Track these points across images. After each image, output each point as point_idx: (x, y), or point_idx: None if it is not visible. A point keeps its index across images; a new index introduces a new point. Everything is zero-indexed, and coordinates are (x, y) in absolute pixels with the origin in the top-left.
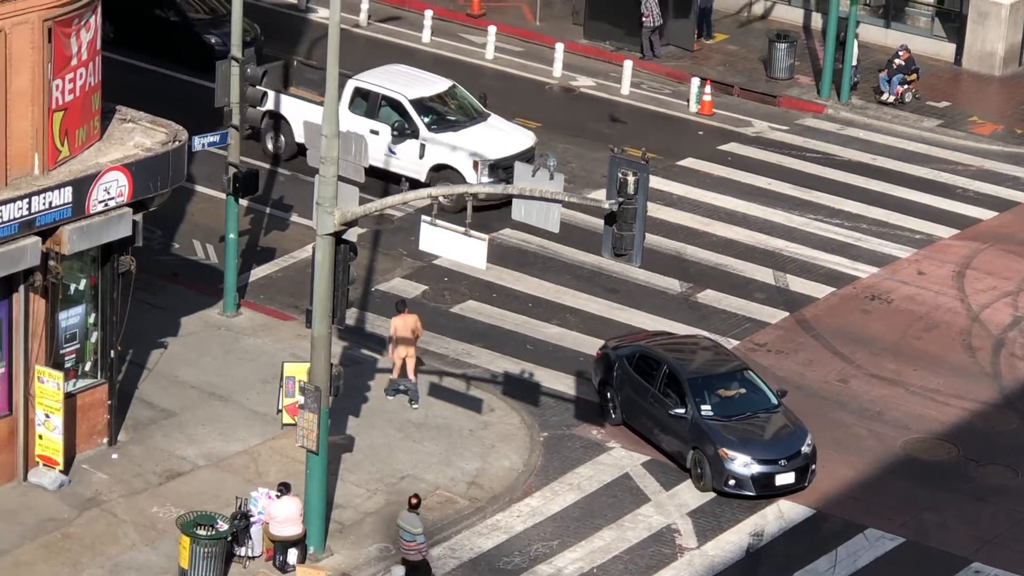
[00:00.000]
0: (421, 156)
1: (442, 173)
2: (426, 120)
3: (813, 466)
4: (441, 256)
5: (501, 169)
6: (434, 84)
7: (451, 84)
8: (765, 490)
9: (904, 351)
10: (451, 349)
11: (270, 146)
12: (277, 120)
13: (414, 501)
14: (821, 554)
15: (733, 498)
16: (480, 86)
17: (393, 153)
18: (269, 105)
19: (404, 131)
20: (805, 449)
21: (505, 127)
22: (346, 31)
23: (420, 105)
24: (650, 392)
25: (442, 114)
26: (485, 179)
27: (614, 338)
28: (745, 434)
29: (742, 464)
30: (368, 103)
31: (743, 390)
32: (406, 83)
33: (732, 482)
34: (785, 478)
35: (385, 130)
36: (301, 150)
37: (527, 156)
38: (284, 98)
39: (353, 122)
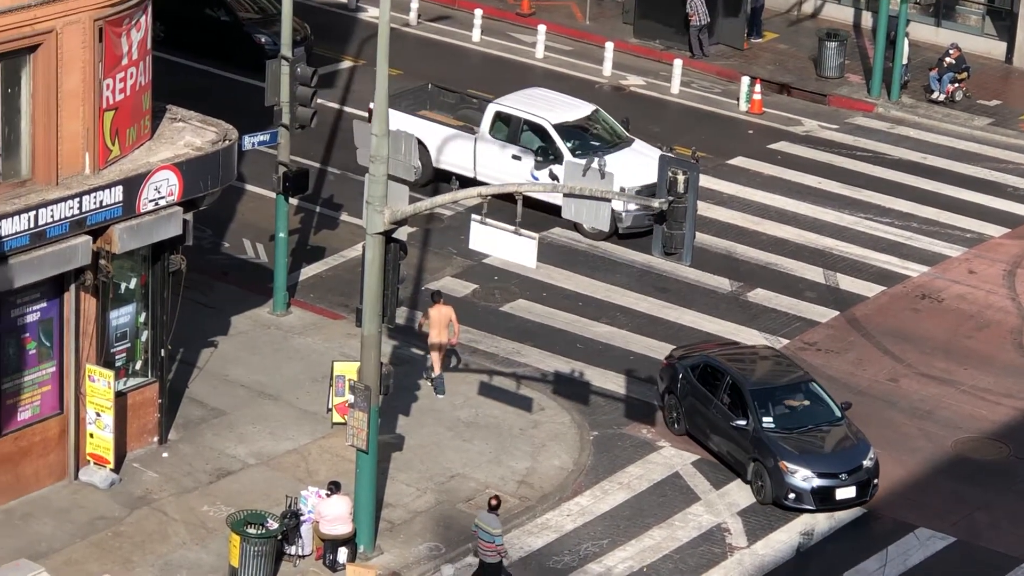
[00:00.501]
0: None
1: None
2: (570, 145)
3: (875, 480)
4: (491, 255)
5: (650, 197)
6: (577, 108)
7: (594, 108)
8: (825, 504)
9: (954, 350)
10: (501, 348)
11: None
12: None
13: (494, 502)
14: (871, 553)
15: (792, 511)
16: (531, 85)
17: (536, 179)
18: (405, 130)
19: (548, 156)
20: (867, 463)
21: (650, 152)
22: (396, 30)
23: (564, 130)
24: (713, 402)
25: (586, 139)
26: (632, 206)
27: (680, 347)
28: (806, 447)
29: (802, 478)
30: (509, 128)
31: (806, 402)
32: (548, 107)
33: (792, 495)
34: (846, 492)
35: (527, 155)
36: (438, 175)
37: None
38: (420, 122)
39: (493, 147)
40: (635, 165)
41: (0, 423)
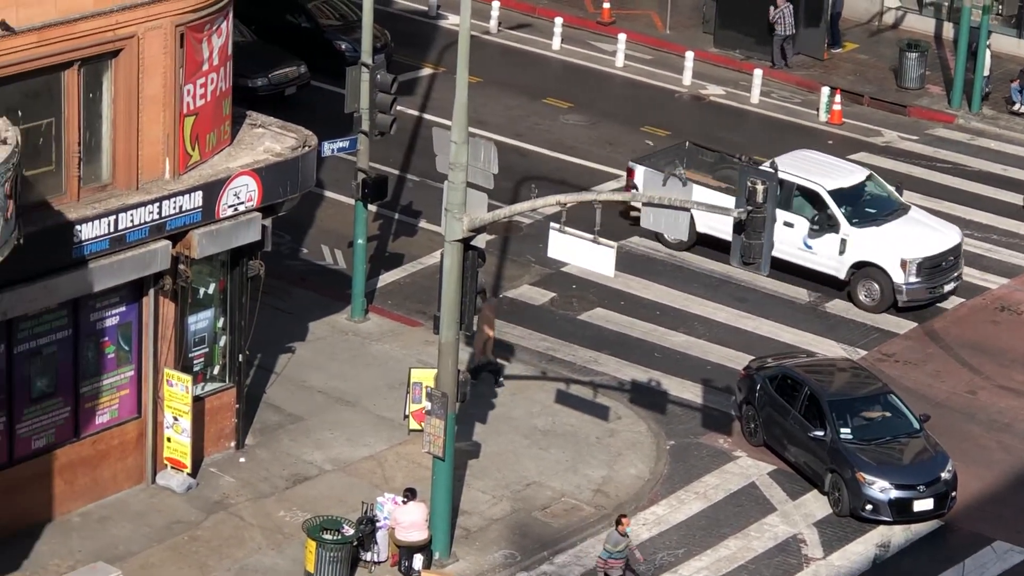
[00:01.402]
0: (841, 252)
1: (864, 271)
2: (845, 212)
3: (953, 493)
4: (569, 263)
5: (931, 268)
6: (851, 173)
7: (868, 173)
8: (902, 516)
9: None
10: (578, 356)
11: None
12: None
13: (617, 519)
14: (948, 566)
15: (869, 522)
16: (611, 95)
17: (809, 248)
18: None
19: (823, 224)
20: (945, 475)
21: (930, 221)
22: (476, 38)
23: (840, 196)
24: (791, 413)
25: (861, 205)
26: (913, 279)
27: (758, 358)
28: (884, 458)
29: (880, 489)
30: (780, 193)
31: (885, 414)
32: (822, 172)
33: (869, 507)
34: (923, 504)
35: (800, 223)
36: (701, 239)
37: (955, 253)
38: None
39: None
40: (916, 235)
41: (78, 426)
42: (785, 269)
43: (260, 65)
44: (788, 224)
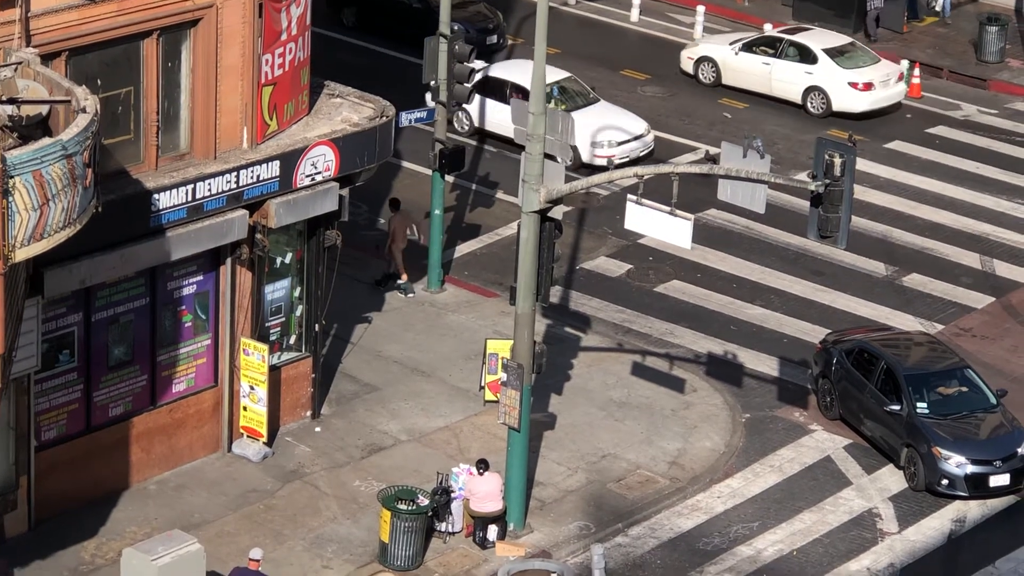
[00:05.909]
0: None
1: None
2: None
3: None
4: (646, 235)
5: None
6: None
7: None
8: (978, 491)
9: None
10: (654, 329)
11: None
12: None
13: None
14: None
15: (945, 497)
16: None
17: None
18: None
19: None
20: (1022, 451)
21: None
22: (555, 9)
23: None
24: (867, 387)
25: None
26: None
27: (834, 332)
28: (960, 433)
29: (955, 464)
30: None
31: (962, 388)
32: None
33: (945, 482)
34: (1000, 479)
35: None
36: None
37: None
38: None
39: None
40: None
41: (155, 394)
42: None
43: None
44: None
